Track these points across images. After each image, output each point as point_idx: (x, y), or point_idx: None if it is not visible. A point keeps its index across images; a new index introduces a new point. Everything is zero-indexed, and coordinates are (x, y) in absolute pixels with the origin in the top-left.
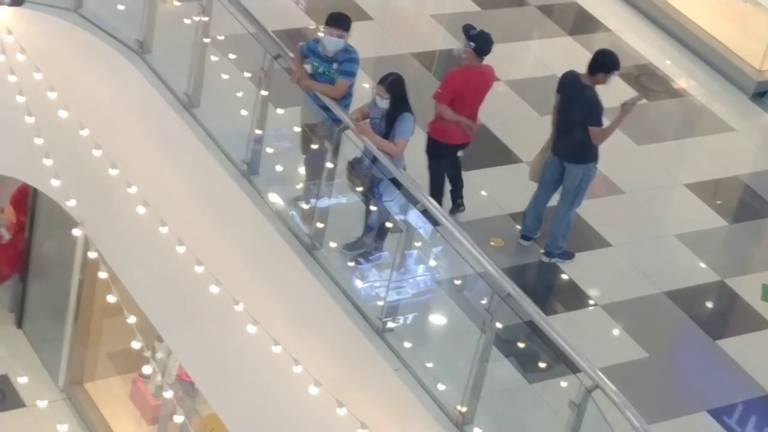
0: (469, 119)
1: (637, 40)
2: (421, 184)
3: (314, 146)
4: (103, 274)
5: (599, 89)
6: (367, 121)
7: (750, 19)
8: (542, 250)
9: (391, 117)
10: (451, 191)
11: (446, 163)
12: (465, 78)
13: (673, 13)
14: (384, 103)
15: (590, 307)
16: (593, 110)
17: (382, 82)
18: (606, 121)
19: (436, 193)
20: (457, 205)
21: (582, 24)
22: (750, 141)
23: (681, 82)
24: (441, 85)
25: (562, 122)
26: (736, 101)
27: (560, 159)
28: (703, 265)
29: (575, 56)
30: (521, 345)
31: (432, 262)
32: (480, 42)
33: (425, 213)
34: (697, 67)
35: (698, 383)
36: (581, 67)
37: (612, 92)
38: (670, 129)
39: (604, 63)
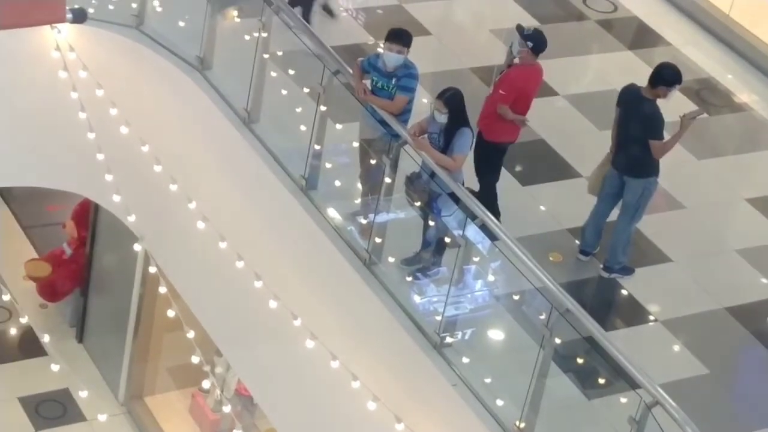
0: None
1: (698, 54)
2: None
3: (372, 161)
4: (162, 289)
5: (660, 103)
6: (426, 135)
7: None
8: (602, 265)
9: (449, 132)
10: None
11: (491, 161)
12: (526, 76)
13: (734, 26)
14: (442, 118)
15: (650, 323)
16: (654, 124)
17: (441, 96)
18: (667, 136)
19: (493, 201)
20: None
21: (642, 38)
22: None
23: (742, 96)
24: (502, 86)
25: (622, 136)
26: None
27: (620, 173)
28: (764, 280)
29: (635, 70)
30: (580, 360)
31: (490, 277)
32: (536, 40)
33: (484, 228)
34: (759, 80)
35: (760, 400)
36: (641, 81)
37: (672, 107)
38: (731, 143)
39: (666, 76)
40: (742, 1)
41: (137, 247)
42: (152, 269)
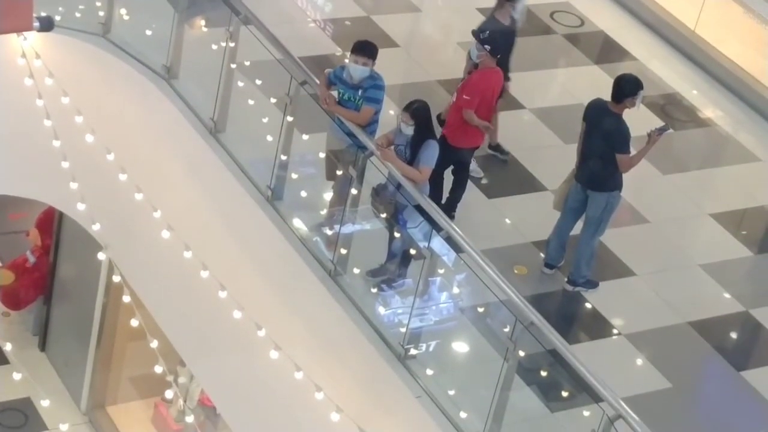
0: (488, 120)
1: (664, 69)
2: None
3: (339, 172)
4: (126, 298)
5: (628, 116)
6: (392, 147)
7: None
8: (566, 279)
9: (415, 144)
10: (450, 200)
11: (458, 168)
12: (487, 80)
13: (700, 42)
14: (409, 130)
15: (614, 337)
16: (619, 138)
17: (408, 108)
18: (633, 150)
19: (438, 196)
20: (451, 218)
21: (608, 52)
22: None
23: (707, 111)
24: (465, 90)
25: (586, 150)
26: (763, 131)
27: (583, 187)
28: (727, 295)
29: (601, 85)
30: (544, 373)
31: (455, 290)
32: (493, 43)
33: (449, 240)
34: (724, 96)
35: (722, 414)
36: (607, 96)
37: (639, 121)
38: (696, 158)
39: (626, 89)
40: (707, 17)
41: (101, 255)
42: (116, 278)
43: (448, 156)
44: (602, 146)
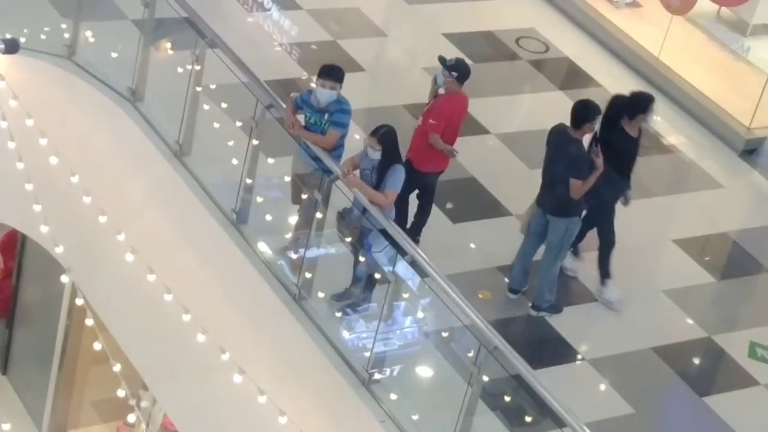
0: (452, 145)
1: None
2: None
3: (304, 196)
4: (89, 321)
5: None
6: (358, 171)
7: (740, 76)
8: (530, 304)
9: (382, 168)
10: (415, 225)
11: (423, 192)
12: (453, 105)
13: (664, 69)
14: (375, 155)
15: (577, 362)
16: (577, 164)
17: (374, 133)
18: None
19: (403, 220)
20: (416, 242)
21: (573, 79)
22: (738, 198)
23: (671, 138)
24: (431, 115)
25: (548, 175)
26: (726, 158)
27: (544, 212)
28: (690, 321)
29: (566, 111)
30: (508, 398)
31: (420, 314)
32: (460, 70)
33: (414, 264)
34: (687, 123)
35: None
36: None
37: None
38: (660, 185)
39: (581, 115)
40: (671, 44)
41: (64, 278)
42: (79, 301)
43: (413, 180)
44: (564, 172)
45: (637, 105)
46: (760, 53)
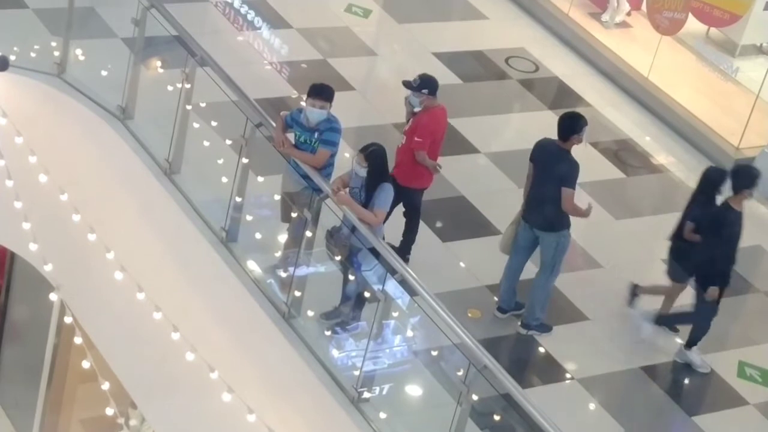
0: (435, 160)
1: (617, 116)
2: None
3: (294, 214)
4: (78, 340)
5: (585, 163)
6: (347, 190)
7: (729, 96)
8: (519, 322)
9: (370, 187)
10: (404, 243)
11: (409, 209)
12: (436, 119)
13: (653, 89)
14: (362, 172)
15: (567, 381)
16: (566, 174)
17: (363, 151)
18: (579, 189)
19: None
20: (406, 261)
21: (562, 98)
22: None
23: (660, 157)
24: (417, 132)
25: (537, 191)
26: None
27: (532, 227)
28: (679, 340)
29: (555, 130)
30: (497, 418)
31: (409, 333)
32: (429, 85)
33: (403, 283)
34: (676, 143)
35: None
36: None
37: (594, 166)
38: (649, 204)
39: (572, 125)
40: (660, 64)
41: (53, 296)
42: (68, 319)
43: (397, 196)
44: (552, 186)
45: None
46: (748, 73)
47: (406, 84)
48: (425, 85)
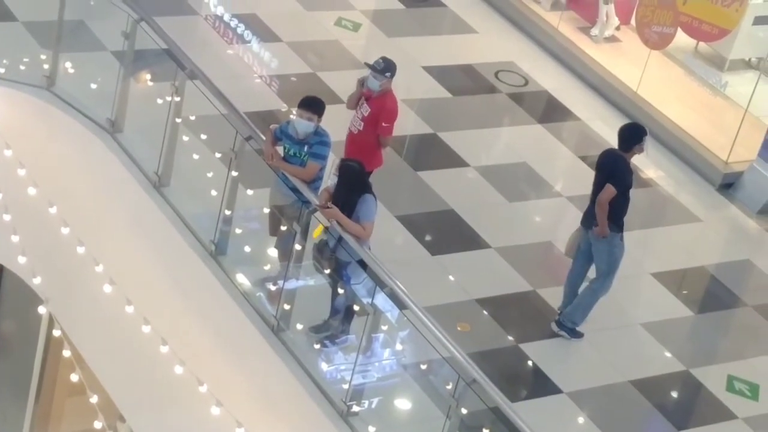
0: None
1: (606, 129)
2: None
3: (283, 228)
4: (67, 353)
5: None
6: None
7: (718, 111)
8: (555, 318)
9: (352, 201)
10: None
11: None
12: (395, 103)
13: (642, 104)
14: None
15: (556, 394)
16: (620, 178)
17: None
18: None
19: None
20: None
21: (552, 112)
22: (716, 232)
23: (649, 172)
24: (382, 117)
25: (595, 197)
26: (703, 192)
27: (586, 229)
28: (668, 354)
29: (545, 144)
30: (486, 431)
31: (398, 346)
32: (392, 68)
33: (392, 296)
34: (665, 157)
35: None
36: (550, 154)
37: (583, 181)
38: (637, 218)
39: (634, 135)
40: (649, 78)
41: (42, 309)
42: (56, 332)
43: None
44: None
45: None
46: (737, 88)
47: (371, 66)
48: (389, 68)
